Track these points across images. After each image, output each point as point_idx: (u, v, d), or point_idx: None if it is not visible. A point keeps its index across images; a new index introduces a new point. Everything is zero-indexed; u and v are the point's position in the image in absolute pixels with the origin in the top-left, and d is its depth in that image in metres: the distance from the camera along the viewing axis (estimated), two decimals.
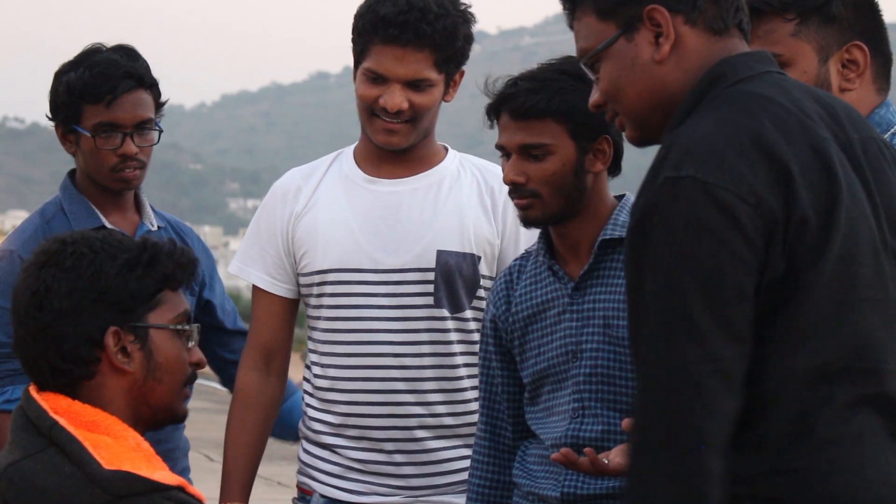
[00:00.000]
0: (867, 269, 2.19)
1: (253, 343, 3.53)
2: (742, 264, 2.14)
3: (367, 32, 3.36)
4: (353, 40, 3.42)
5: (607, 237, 3.07)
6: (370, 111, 3.40)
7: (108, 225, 3.61)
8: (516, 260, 3.26)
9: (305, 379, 3.55)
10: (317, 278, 3.45)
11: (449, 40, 3.35)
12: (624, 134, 2.44)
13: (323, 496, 3.48)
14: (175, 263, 2.49)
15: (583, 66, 2.43)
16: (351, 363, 3.44)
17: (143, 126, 3.59)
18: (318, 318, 3.48)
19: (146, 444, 2.44)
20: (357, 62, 3.41)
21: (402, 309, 3.43)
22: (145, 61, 3.66)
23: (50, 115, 3.66)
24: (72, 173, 3.72)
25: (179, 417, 2.56)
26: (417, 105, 3.37)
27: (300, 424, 3.58)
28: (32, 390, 2.46)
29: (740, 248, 2.13)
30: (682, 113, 2.28)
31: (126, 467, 2.34)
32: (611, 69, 2.36)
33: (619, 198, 3.15)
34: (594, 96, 2.43)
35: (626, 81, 2.35)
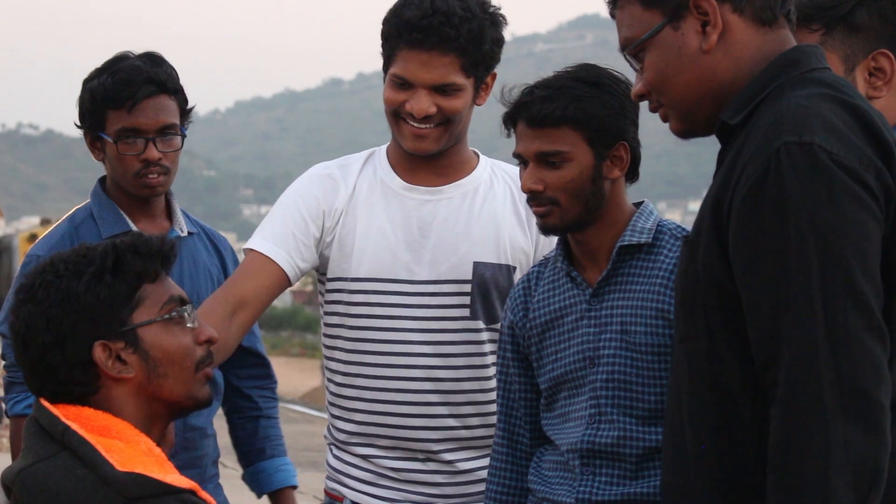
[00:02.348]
0: None
1: (224, 291, 3.31)
2: (880, 230, 2.15)
3: (393, 37, 3.31)
4: (382, 45, 3.37)
5: (625, 243, 3.06)
6: (397, 115, 3.35)
7: (135, 230, 3.59)
8: (534, 266, 3.25)
9: (327, 389, 3.50)
10: (351, 285, 3.39)
11: (475, 44, 3.29)
12: (668, 126, 2.42)
13: (354, 502, 3.44)
14: (144, 258, 2.45)
15: (626, 57, 2.41)
16: (381, 374, 3.39)
17: (165, 131, 3.57)
18: (342, 326, 3.43)
19: (158, 450, 2.43)
20: (385, 67, 3.36)
21: (437, 321, 3.38)
22: (170, 67, 3.63)
23: (78, 123, 3.66)
24: (102, 180, 3.71)
25: (203, 402, 2.51)
26: (446, 109, 3.32)
27: (325, 431, 3.54)
28: (44, 400, 2.46)
29: (878, 214, 2.14)
30: (753, 92, 2.28)
31: (139, 470, 2.33)
32: (656, 59, 2.35)
33: (638, 204, 3.15)
34: (637, 86, 2.41)
35: (673, 71, 2.34)
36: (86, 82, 3.62)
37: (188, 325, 2.48)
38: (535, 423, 3.19)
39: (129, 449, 2.37)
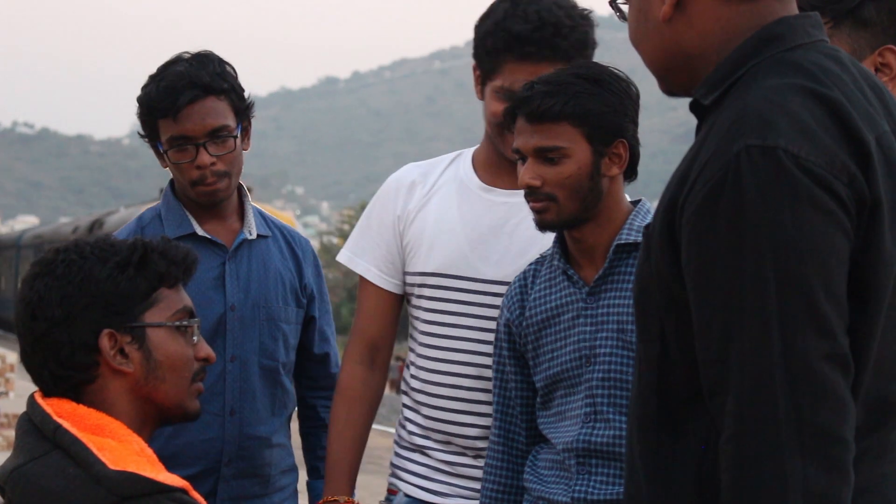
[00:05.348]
0: None
1: (359, 337, 3.51)
2: (848, 243, 1.95)
3: (498, 51, 3.28)
4: (480, 57, 3.35)
5: (622, 242, 3.05)
6: (504, 127, 3.31)
7: (199, 232, 3.56)
8: (531, 264, 3.24)
9: (403, 378, 3.55)
10: (418, 279, 3.43)
11: (581, 51, 3.29)
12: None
13: (407, 496, 3.47)
14: (169, 261, 2.49)
15: (615, 9, 2.28)
16: (440, 368, 3.42)
17: (216, 134, 3.50)
18: (417, 318, 3.47)
19: (149, 450, 2.42)
20: (485, 79, 3.35)
21: (495, 321, 3.37)
22: (218, 66, 3.55)
23: (141, 133, 3.60)
24: (173, 181, 3.64)
25: (191, 415, 2.53)
26: None
27: (397, 424, 3.57)
28: (37, 396, 2.46)
29: (847, 226, 1.94)
30: (727, 71, 2.09)
31: (131, 469, 2.33)
32: (630, 20, 2.22)
33: (635, 203, 3.14)
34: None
35: (640, 36, 2.20)
36: (142, 89, 3.56)
37: (193, 338, 2.52)
38: (532, 421, 3.18)
39: (121, 448, 2.37)
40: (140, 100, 3.53)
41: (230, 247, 3.59)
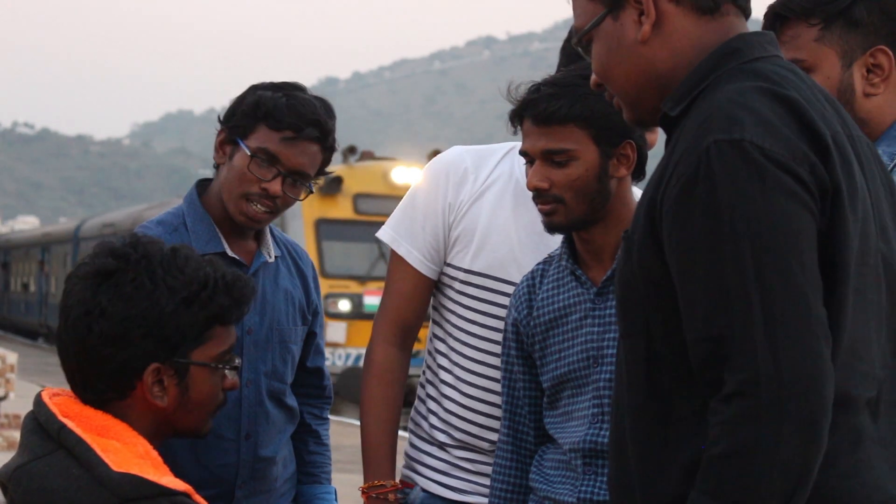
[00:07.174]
0: (869, 270, 2.16)
1: (392, 317, 3.48)
2: (815, 224, 2.09)
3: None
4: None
5: None
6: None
7: (230, 253, 3.48)
8: (539, 264, 3.23)
9: (427, 366, 3.52)
10: (462, 275, 3.41)
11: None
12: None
13: (424, 490, 3.46)
14: (232, 300, 2.47)
15: (575, 47, 2.40)
16: (472, 367, 3.41)
17: (299, 177, 3.46)
18: (453, 312, 3.45)
19: (154, 452, 2.43)
20: None
21: None
22: (334, 124, 3.52)
23: (222, 119, 3.52)
24: (199, 185, 3.59)
25: (202, 435, 2.55)
26: None
27: (413, 413, 3.54)
28: (45, 395, 2.46)
29: (812, 207, 2.08)
30: (692, 84, 2.23)
31: (134, 471, 2.33)
32: (599, 50, 2.33)
33: None
34: (593, 77, 2.38)
35: (613, 62, 2.31)
36: (255, 88, 3.50)
37: (227, 373, 2.52)
38: (540, 420, 3.18)
39: (125, 450, 2.37)
40: (259, 100, 3.45)
41: (250, 267, 3.54)
